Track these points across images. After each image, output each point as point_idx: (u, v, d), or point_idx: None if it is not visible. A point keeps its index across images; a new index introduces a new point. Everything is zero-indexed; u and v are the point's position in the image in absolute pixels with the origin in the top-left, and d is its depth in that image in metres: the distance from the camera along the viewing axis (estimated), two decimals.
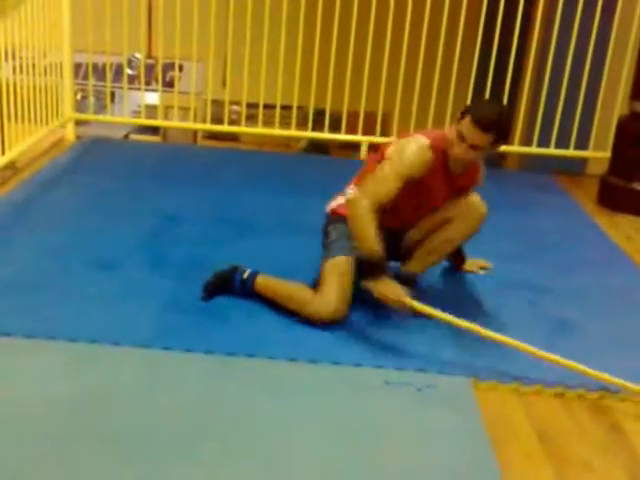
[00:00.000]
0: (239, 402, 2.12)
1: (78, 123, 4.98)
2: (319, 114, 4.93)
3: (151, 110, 5.25)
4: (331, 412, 2.12)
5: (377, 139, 4.90)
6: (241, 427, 2.00)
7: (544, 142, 4.72)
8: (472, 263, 3.15)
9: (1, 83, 3.67)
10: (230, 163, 4.66)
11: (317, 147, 6.62)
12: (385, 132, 4.95)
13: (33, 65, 4.12)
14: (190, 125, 5.28)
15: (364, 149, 4.85)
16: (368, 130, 4.87)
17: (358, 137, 4.88)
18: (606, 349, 2.58)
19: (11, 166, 3.98)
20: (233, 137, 5.88)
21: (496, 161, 5.01)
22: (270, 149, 5.93)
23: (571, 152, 4.74)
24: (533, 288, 3.04)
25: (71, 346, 2.32)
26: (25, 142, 4.08)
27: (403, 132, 2.87)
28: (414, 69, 4.63)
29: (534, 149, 4.77)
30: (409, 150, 2.56)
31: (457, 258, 3.11)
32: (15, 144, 3.93)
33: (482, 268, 3.17)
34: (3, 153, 3.78)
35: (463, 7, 4.48)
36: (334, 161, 5.17)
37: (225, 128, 5.04)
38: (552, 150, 4.73)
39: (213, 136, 5.96)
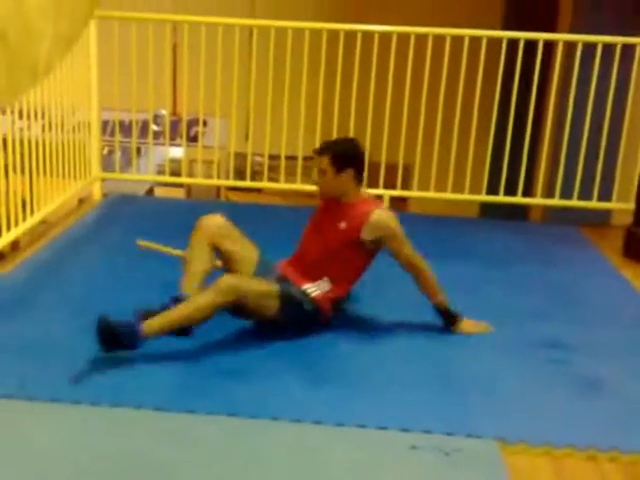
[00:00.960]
0: (260, 468, 2.09)
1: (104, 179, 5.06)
2: None
3: (176, 164, 5.33)
4: (356, 479, 2.08)
5: (399, 192, 4.94)
6: None
7: (567, 194, 4.71)
8: (468, 324, 3.03)
9: (31, 142, 3.74)
10: (253, 218, 4.67)
11: None
12: (406, 185, 4.98)
13: (62, 123, 4.21)
14: (213, 182, 5.34)
15: (386, 201, 4.85)
16: (390, 182, 4.88)
17: (379, 190, 4.89)
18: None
19: (41, 223, 4.04)
20: (256, 189, 5.95)
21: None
22: (292, 201, 5.98)
23: (594, 204, 4.71)
24: (559, 345, 2.98)
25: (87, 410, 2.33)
26: (55, 201, 4.15)
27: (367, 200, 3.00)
28: (434, 120, 4.66)
29: (557, 201, 4.75)
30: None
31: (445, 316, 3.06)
32: (45, 202, 3.99)
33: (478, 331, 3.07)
34: (32, 212, 3.83)
35: (481, 60, 4.52)
36: None
37: (248, 184, 5.10)
38: (575, 202, 4.70)
39: (236, 188, 6.04)
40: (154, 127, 5.36)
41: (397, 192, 4.92)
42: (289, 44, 4.55)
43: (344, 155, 2.82)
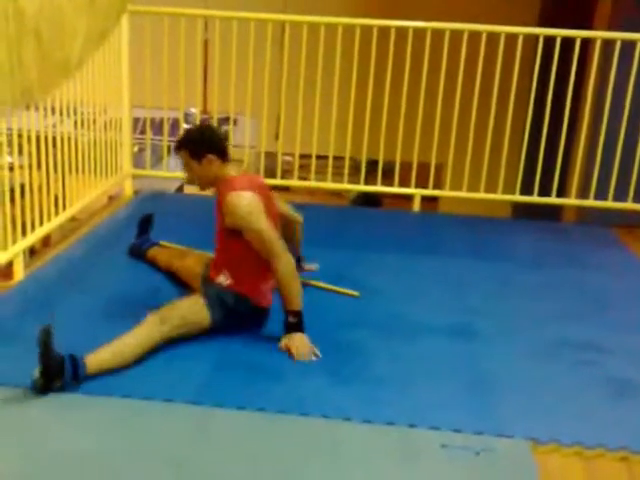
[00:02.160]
0: (289, 463, 2.08)
1: (135, 176, 5.08)
2: (371, 164, 4.93)
3: None
4: (385, 478, 2.05)
5: (430, 192, 4.88)
6: None
7: (602, 195, 4.62)
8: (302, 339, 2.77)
9: (63, 138, 3.76)
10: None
11: (368, 197, 6.63)
12: (438, 184, 4.93)
13: (94, 121, 4.23)
14: None
15: (417, 201, 4.82)
16: (421, 181, 4.84)
17: (411, 190, 4.85)
18: None
19: (72, 220, 4.07)
20: (284, 187, 5.94)
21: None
22: (321, 199, 5.97)
23: (630, 205, 4.61)
24: (592, 347, 2.92)
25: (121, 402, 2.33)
26: (86, 197, 4.17)
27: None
28: (468, 119, 4.61)
29: (592, 202, 4.67)
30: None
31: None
32: (76, 198, 4.01)
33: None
34: (64, 208, 3.85)
35: (517, 58, 4.46)
36: (386, 213, 5.16)
37: (278, 182, 5.08)
38: (610, 203, 4.62)
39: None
40: (185, 125, 5.37)
41: (429, 192, 4.87)
42: (321, 40, 4.53)
43: (198, 143, 2.79)
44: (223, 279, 2.81)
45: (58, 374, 2.30)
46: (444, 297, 3.39)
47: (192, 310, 2.71)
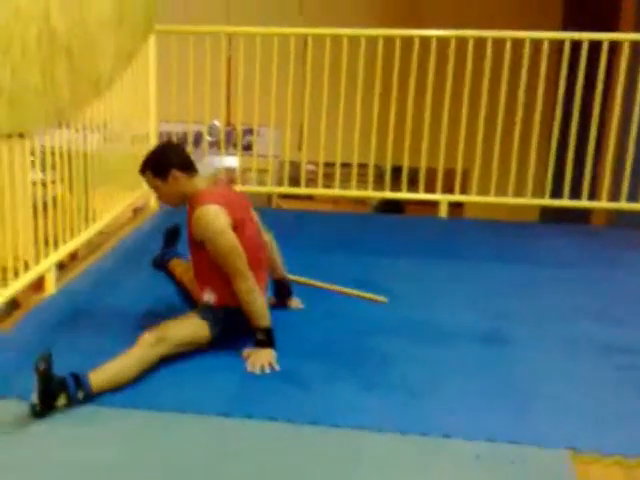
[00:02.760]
0: (321, 476, 2.07)
1: None
2: (394, 171, 4.93)
3: (229, 173, 5.38)
4: None
5: (457, 197, 4.86)
6: None
7: (633, 197, 4.57)
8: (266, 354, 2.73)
9: (91, 153, 3.80)
10: (306, 224, 4.70)
11: (392, 204, 6.62)
12: (464, 190, 4.91)
13: (121, 135, 4.28)
14: (269, 188, 5.35)
15: (444, 207, 4.80)
16: (446, 187, 4.83)
17: (437, 196, 4.84)
18: None
19: (99, 233, 4.11)
20: (307, 195, 5.97)
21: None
22: (345, 207, 5.98)
23: None
24: (628, 350, 2.89)
25: (150, 415, 2.35)
26: (114, 210, 4.21)
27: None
28: (493, 123, 4.59)
29: (623, 204, 4.62)
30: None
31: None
32: (103, 212, 4.06)
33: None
34: (94, 221, 3.89)
35: (543, 62, 4.44)
36: (411, 219, 5.16)
37: (302, 190, 5.11)
38: None
39: (288, 195, 6.06)
40: (208, 138, 5.42)
41: (455, 197, 4.86)
42: (344, 51, 4.54)
43: (160, 161, 2.77)
44: (208, 297, 2.79)
45: (57, 394, 2.31)
46: (473, 302, 3.37)
47: (189, 328, 2.70)
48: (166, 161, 2.76)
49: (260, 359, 2.66)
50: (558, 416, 2.40)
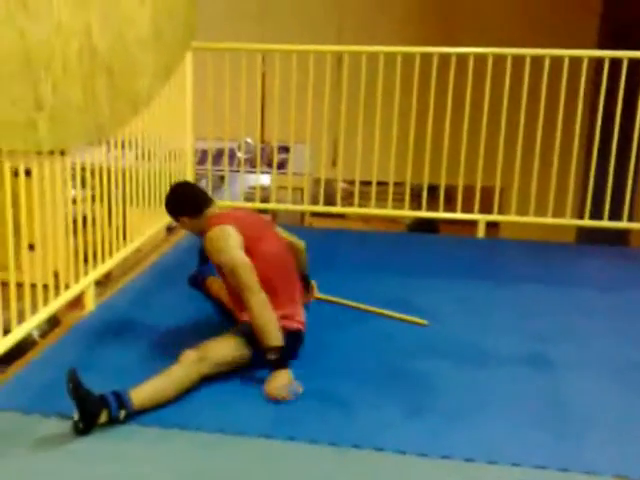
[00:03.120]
0: None
1: None
2: (429, 190, 4.88)
3: (261, 191, 5.32)
4: None
5: (495, 217, 4.80)
6: None
7: None
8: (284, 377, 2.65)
9: (129, 171, 3.82)
10: (341, 243, 4.67)
11: (426, 223, 6.57)
12: (501, 209, 4.85)
13: (156, 152, 4.29)
14: (304, 207, 5.34)
15: (482, 227, 4.74)
16: (482, 207, 4.78)
17: (475, 216, 4.78)
18: None
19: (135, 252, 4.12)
20: (339, 214, 5.95)
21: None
22: (376, 225, 5.94)
23: None
24: None
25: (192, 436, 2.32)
26: (151, 228, 4.22)
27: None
28: (532, 143, 4.53)
29: None
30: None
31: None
32: (142, 230, 4.06)
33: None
34: (132, 240, 3.90)
35: (582, 80, 4.39)
36: (446, 239, 5.11)
37: (338, 209, 5.08)
38: None
39: (319, 213, 6.04)
40: (241, 155, 5.42)
41: (494, 217, 4.80)
42: (380, 69, 4.53)
43: (170, 209, 3.04)
44: (247, 317, 2.77)
45: (98, 411, 2.30)
46: (514, 324, 3.32)
47: (230, 347, 2.68)
48: (175, 210, 3.02)
49: (277, 387, 2.54)
50: (606, 442, 2.34)
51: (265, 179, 6.44)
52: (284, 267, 2.92)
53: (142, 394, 2.40)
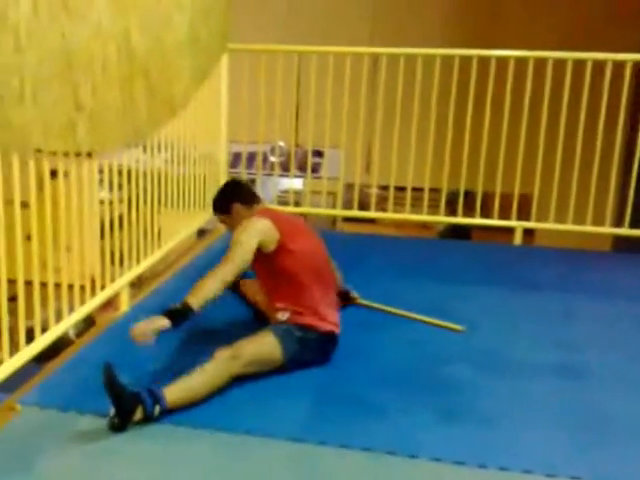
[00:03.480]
0: None
1: None
2: (456, 196, 4.84)
3: (293, 195, 5.31)
4: None
5: (533, 224, 4.74)
6: None
7: None
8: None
9: (165, 174, 3.84)
10: (371, 248, 4.64)
11: (458, 230, 6.50)
12: (538, 217, 4.79)
13: (191, 155, 4.31)
14: (337, 211, 5.33)
15: (519, 234, 4.69)
16: (519, 214, 4.72)
17: (512, 223, 4.72)
18: None
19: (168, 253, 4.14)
20: (371, 219, 5.93)
21: None
22: (408, 231, 5.89)
23: None
24: None
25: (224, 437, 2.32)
26: (185, 230, 4.24)
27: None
28: (572, 149, 4.47)
29: None
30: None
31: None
32: (176, 232, 4.08)
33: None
34: (164, 241, 3.92)
35: (625, 84, 4.31)
36: (482, 246, 5.06)
37: (372, 214, 5.06)
38: None
39: (350, 218, 6.02)
40: (273, 159, 5.43)
41: (531, 224, 4.73)
42: (419, 72, 4.51)
43: (223, 199, 3.04)
44: (280, 315, 2.81)
45: (133, 408, 2.32)
46: (548, 333, 3.27)
47: (263, 347, 2.69)
48: (229, 196, 3.04)
49: (146, 325, 2.43)
50: None
51: (298, 183, 6.43)
52: (316, 267, 2.92)
53: (175, 392, 2.41)
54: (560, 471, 2.18)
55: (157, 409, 2.35)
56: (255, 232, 2.77)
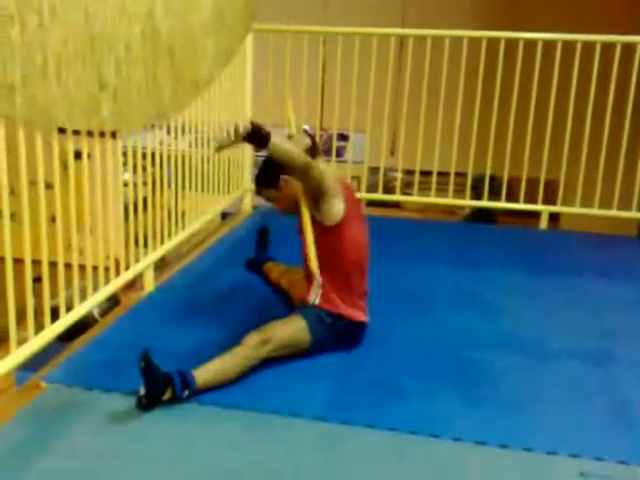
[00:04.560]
0: None
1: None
2: (490, 180, 4.80)
3: None
4: None
5: (559, 209, 4.69)
6: None
7: None
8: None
9: (189, 155, 3.85)
10: (396, 232, 4.61)
11: (483, 214, 6.45)
12: (563, 202, 4.73)
13: (214, 138, 4.29)
14: (362, 195, 5.29)
15: (544, 218, 4.63)
16: (545, 199, 4.67)
17: (538, 207, 4.67)
18: None
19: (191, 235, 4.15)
20: (395, 204, 5.90)
21: None
22: (433, 216, 5.86)
23: None
24: None
25: (250, 416, 2.33)
26: (209, 212, 4.24)
27: None
28: (599, 132, 4.41)
29: None
30: None
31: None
32: (200, 214, 4.09)
33: None
34: (188, 222, 3.93)
35: None
36: (508, 230, 5.01)
37: (397, 197, 5.03)
38: None
39: (375, 203, 5.99)
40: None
41: (557, 208, 4.69)
42: (445, 54, 4.46)
43: (269, 172, 2.82)
44: (313, 297, 2.77)
45: (164, 390, 2.32)
46: (577, 319, 3.23)
47: (292, 332, 2.68)
48: (273, 171, 2.80)
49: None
50: None
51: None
52: (361, 257, 2.86)
53: (205, 374, 2.41)
54: (584, 452, 2.16)
55: (186, 392, 2.36)
56: (336, 186, 2.67)
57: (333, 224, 2.72)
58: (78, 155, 2.71)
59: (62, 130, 2.53)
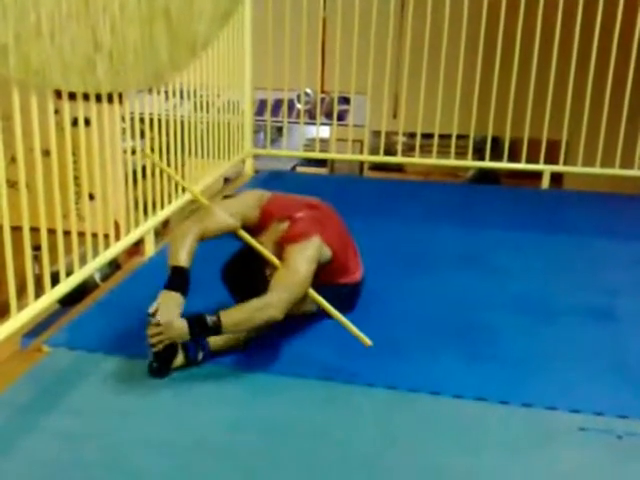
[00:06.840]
0: (419, 445, 2.02)
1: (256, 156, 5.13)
2: (493, 142, 4.77)
3: (318, 143, 5.25)
4: (518, 462, 1.96)
5: (560, 168, 4.66)
6: (417, 473, 1.90)
7: None
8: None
9: (188, 121, 3.81)
10: (399, 194, 4.60)
11: (486, 176, 6.43)
12: (566, 162, 4.70)
13: (215, 102, 4.26)
14: (363, 157, 5.28)
15: (546, 178, 4.61)
16: (546, 158, 4.64)
17: (540, 166, 4.64)
18: None
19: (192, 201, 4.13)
20: (398, 167, 5.84)
21: None
22: (437, 178, 5.84)
23: None
24: None
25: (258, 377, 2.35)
26: (209, 177, 4.21)
27: None
28: (601, 90, 4.36)
29: None
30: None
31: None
32: (200, 179, 4.06)
33: None
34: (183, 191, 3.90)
35: None
36: (510, 191, 4.99)
37: (399, 159, 5.00)
38: None
39: (378, 167, 5.96)
40: (300, 106, 5.36)
41: (559, 167, 4.66)
42: (446, 13, 4.40)
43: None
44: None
45: (175, 353, 2.31)
46: (580, 277, 3.23)
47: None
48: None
49: (165, 331, 2.25)
50: None
51: (324, 131, 6.37)
52: (344, 244, 2.78)
53: (218, 339, 2.39)
54: (584, 407, 2.17)
55: (200, 355, 2.36)
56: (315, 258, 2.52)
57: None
58: (76, 122, 2.69)
59: (60, 95, 2.51)
